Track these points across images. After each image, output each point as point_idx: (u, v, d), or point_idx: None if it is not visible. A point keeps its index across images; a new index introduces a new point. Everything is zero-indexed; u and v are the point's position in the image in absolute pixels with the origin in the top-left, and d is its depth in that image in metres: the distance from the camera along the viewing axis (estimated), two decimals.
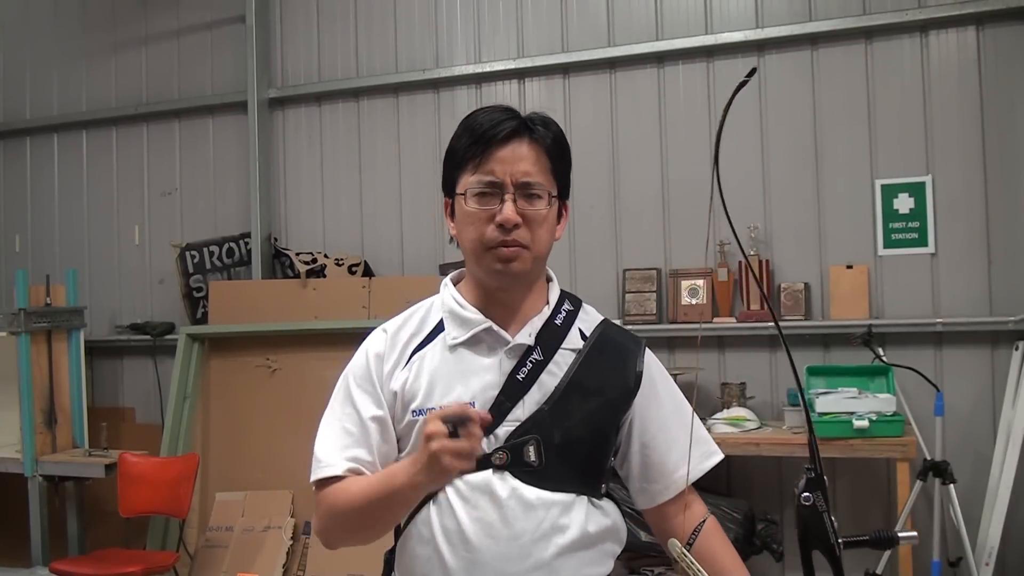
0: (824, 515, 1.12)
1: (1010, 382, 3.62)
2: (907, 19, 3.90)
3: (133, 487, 4.19)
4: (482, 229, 1.40)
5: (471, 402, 1.40)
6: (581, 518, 1.40)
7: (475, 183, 1.40)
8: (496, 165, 1.39)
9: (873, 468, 3.85)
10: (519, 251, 1.40)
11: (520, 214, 1.39)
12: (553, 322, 1.47)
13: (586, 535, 1.40)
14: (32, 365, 4.50)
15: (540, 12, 4.53)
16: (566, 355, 1.45)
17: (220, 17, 5.15)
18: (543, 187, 1.42)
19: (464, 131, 1.44)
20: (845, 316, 3.91)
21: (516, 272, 1.42)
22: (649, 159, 4.30)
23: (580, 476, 1.42)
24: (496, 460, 1.39)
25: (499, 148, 1.40)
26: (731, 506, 3.67)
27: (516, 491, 1.38)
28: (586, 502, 1.42)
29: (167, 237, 5.14)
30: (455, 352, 1.44)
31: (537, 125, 1.44)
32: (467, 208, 1.41)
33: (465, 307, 1.47)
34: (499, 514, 1.37)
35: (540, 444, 1.39)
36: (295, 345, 4.48)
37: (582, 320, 1.51)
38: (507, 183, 1.39)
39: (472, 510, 1.38)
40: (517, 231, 1.39)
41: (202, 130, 5.23)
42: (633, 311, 4.22)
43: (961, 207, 3.84)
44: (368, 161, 4.86)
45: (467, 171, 1.42)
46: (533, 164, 1.41)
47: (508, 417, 1.40)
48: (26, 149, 5.67)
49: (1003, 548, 3.45)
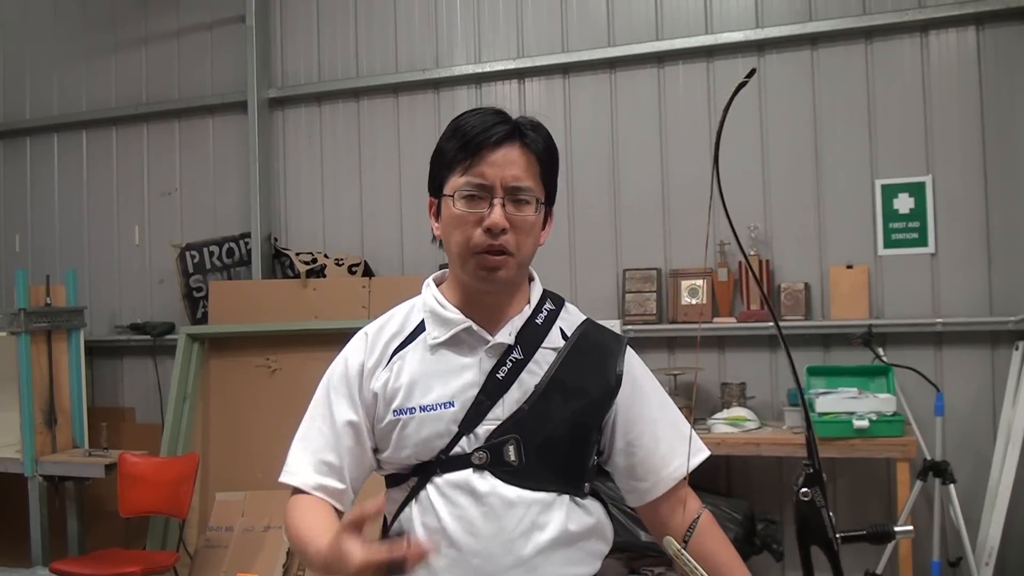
0: (822, 510, 1.12)
1: (1010, 382, 3.62)
2: (907, 19, 3.90)
3: (133, 487, 4.19)
4: (469, 232, 1.39)
5: (450, 401, 1.40)
6: (562, 516, 1.40)
7: (464, 185, 1.39)
8: (487, 168, 1.38)
9: (873, 468, 3.85)
10: (505, 259, 1.40)
11: (508, 219, 1.38)
12: (534, 321, 1.47)
13: (567, 533, 1.41)
14: (32, 365, 4.50)
15: (540, 12, 4.53)
16: (547, 354, 1.45)
17: (220, 17, 5.15)
18: (532, 193, 1.41)
19: (454, 132, 1.43)
20: (845, 316, 3.91)
21: (501, 279, 1.42)
22: (649, 159, 4.30)
23: (561, 475, 1.42)
24: (476, 460, 1.39)
25: (490, 151, 1.39)
26: (731, 506, 3.67)
27: (496, 489, 1.38)
28: (568, 501, 1.42)
29: (167, 237, 5.14)
30: (436, 352, 1.45)
31: (528, 130, 1.43)
32: (454, 210, 1.40)
33: (446, 307, 1.47)
34: (480, 512, 1.38)
35: (520, 443, 1.39)
36: (295, 345, 4.47)
37: (563, 319, 1.51)
38: (497, 187, 1.38)
39: (453, 508, 1.38)
40: (504, 236, 1.38)
41: (202, 130, 5.23)
42: (633, 311, 4.22)
43: (961, 207, 3.84)
44: (368, 161, 4.87)
45: (456, 172, 1.41)
46: (524, 169, 1.40)
47: (488, 416, 1.40)
48: (26, 149, 5.67)
49: (1003, 548, 3.44)
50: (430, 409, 1.41)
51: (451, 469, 1.40)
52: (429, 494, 1.40)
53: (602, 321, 1.59)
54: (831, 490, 3.89)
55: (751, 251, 4.02)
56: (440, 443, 1.40)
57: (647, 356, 4.56)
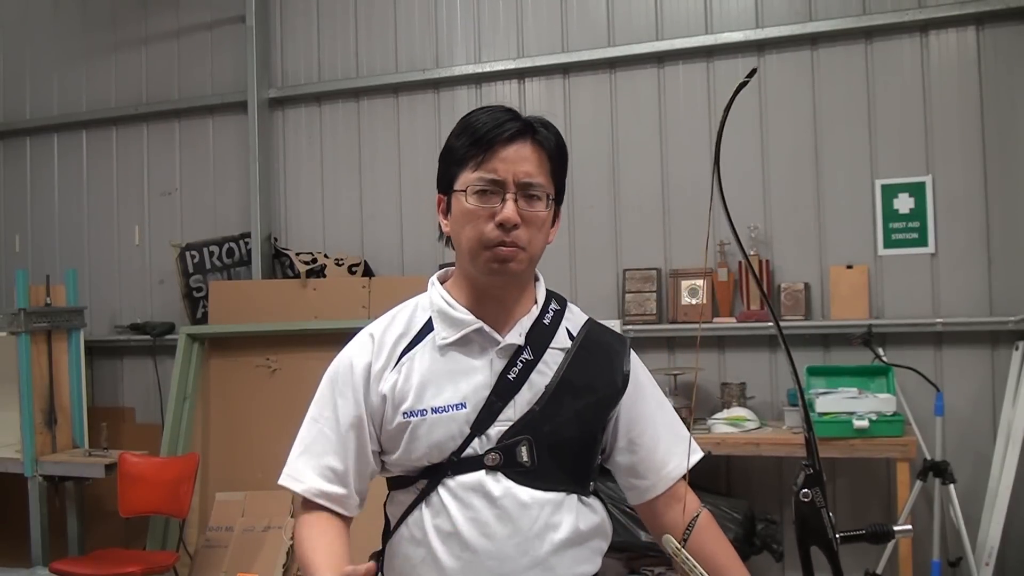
0: (822, 511, 1.12)
1: (1010, 382, 3.62)
2: (907, 19, 3.90)
3: (133, 487, 4.19)
4: (481, 227, 1.38)
5: (462, 403, 1.40)
6: (572, 516, 1.41)
7: (477, 180, 1.39)
8: (499, 164, 1.38)
9: (873, 468, 3.85)
10: (516, 252, 1.39)
11: (520, 214, 1.38)
12: (542, 321, 1.47)
13: (578, 532, 1.41)
14: (32, 365, 4.50)
15: (540, 12, 4.53)
16: (555, 354, 1.45)
17: (220, 17, 5.15)
18: (543, 188, 1.41)
19: (464, 129, 1.42)
20: (845, 316, 3.91)
21: (512, 272, 1.41)
22: (649, 159, 4.30)
23: (570, 475, 1.43)
24: (489, 461, 1.39)
25: (503, 147, 1.38)
26: (731, 506, 3.67)
27: (510, 491, 1.38)
28: (576, 500, 1.43)
29: (167, 237, 5.14)
30: (445, 353, 1.43)
31: (540, 127, 1.43)
32: (466, 205, 1.39)
33: (455, 307, 1.45)
34: (494, 514, 1.37)
35: (532, 444, 1.39)
36: (295, 345, 4.47)
37: (568, 319, 1.51)
38: (509, 182, 1.38)
39: (467, 510, 1.38)
40: (516, 231, 1.38)
41: (202, 130, 5.23)
42: (633, 311, 4.22)
43: (961, 207, 3.84)
44: (368, 161, 4.87)
45: (468, 168, 1.40)
46: (535, 165, 1.40)
47: (500, 417, 1.40)
48: (26, 149, 5.67)
49: (1003, 548, 3.44)
50: (442, 411, 1.40)
51: (463, 471, 1.39)
52: (441, 496, 1.39)
53: (602, 321, 1.59)
54: (831, 490, 3.89)
55: (751, 251, 4.02)
56: (452, 445, 1.39)
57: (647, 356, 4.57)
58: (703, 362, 4.14)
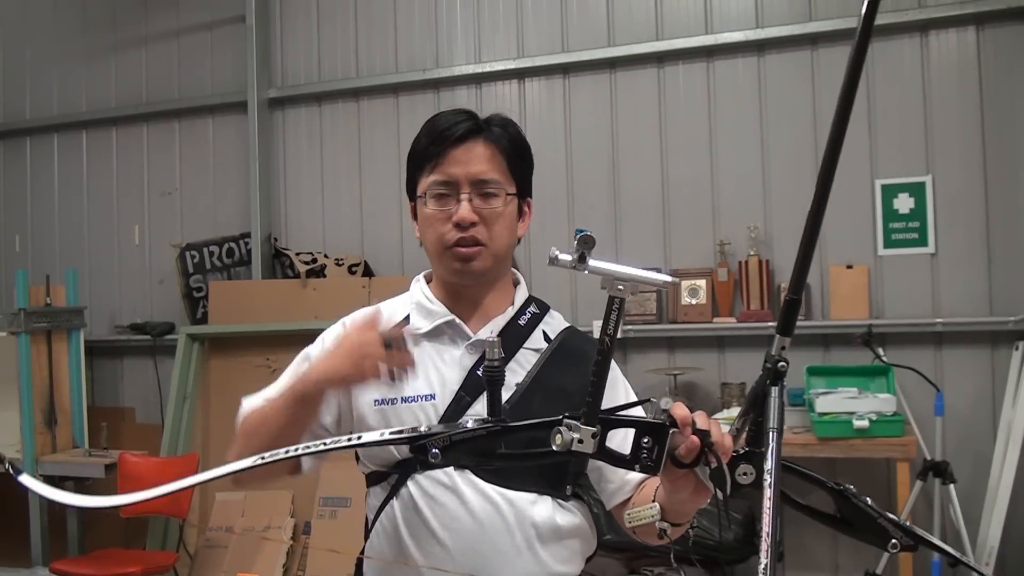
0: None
1: (1010, 382, 3.62)
2: (907, 19, 3.90)
3: (133, 487, 4.15)
4: (441, 230, 1.42)
5: (432, 394, 1.42)
6: (547, 511, 1.41)
7: (432, 184, 1.43)
8: (451, 166, 1.42)
9: (873, 468, 3.85)
10: (479, 250, 1.42)
11: (476, 212, 1.41)
12: (516, 322, 1.49)
13: (555, 526, 1.41)
14: (32, 365, 4.50)
15: (540, 12, 4.52)
16: (528, 355, 1.47)
17: (220, 17, 5.15)
18: (499, 184, 1.43)
19: (423, 134, 1.47)
20: (845, 316, 3.91)
21: (476, 270, 1.44)
22: (649, 159, 4.29)
23: (543, 475, 1.42)
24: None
25: (454, 148, 1.42)
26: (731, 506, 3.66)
27: (478, 487, 1.38)
28: (551, 501, 1.43)
29: (167, 237, 5.14)
30: (419, 344, 1.46)
31: (494, 126, 1.45)
32: (426, 210, 1.44)
33: (432, 301, 1.50)
34: (464, 509, 1.38)
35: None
36: (295, 345, 4.39)
37: (547, 324, 1.52)
38: (462, 182, 1.41)
39: (436, 505, 1.39)
40: (474, 229, 1.41)
41: (202, 130, 5.23)
42: (633, 311, 4.21)
43: (961, 207, 3.84)
44: (368, 161, 4.86)
45: (425, 172, 1.45)
46: (487, 162, 1.43)
47: (468, 412, 1.40)
48: (26, 149, 5.67)
49: (1003, 548, 3.45)
50: (412, 400, 1.42)
51: (432, 466, 1.39)
52: (411, 492, 1.40)
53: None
54: None
55: (751, 251, 4.02)
56: None
57: (647, 356, 4.57)
58: (703, 362, 4.14)
